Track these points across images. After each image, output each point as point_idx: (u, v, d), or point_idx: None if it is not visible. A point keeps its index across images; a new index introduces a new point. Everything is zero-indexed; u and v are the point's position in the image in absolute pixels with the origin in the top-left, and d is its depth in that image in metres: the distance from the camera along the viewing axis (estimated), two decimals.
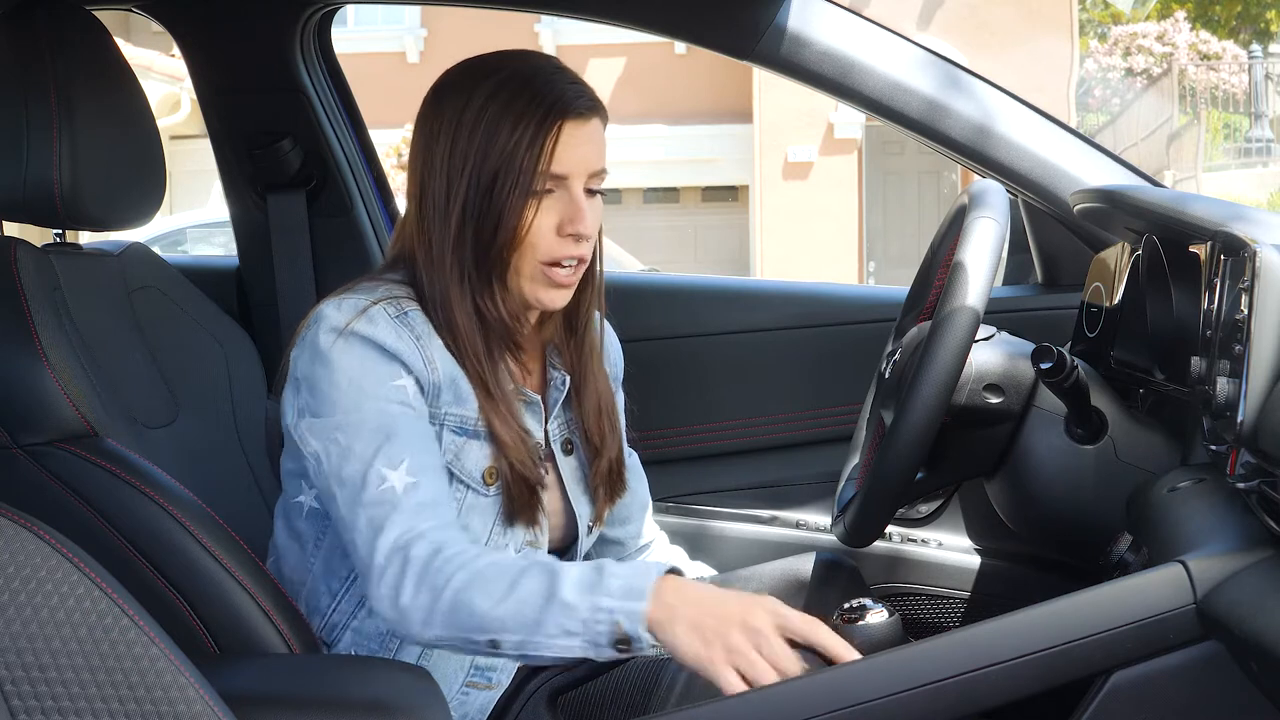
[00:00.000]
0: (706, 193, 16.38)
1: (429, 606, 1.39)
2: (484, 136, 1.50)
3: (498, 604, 1.36)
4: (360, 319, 1.49)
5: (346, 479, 1.45)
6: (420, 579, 1.39)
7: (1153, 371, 1.72)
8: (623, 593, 1.34)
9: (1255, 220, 1.51)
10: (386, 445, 1.45)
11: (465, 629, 1.38)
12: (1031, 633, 1.34)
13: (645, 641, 1.34)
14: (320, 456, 1.47)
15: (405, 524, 1.42)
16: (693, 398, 2.28)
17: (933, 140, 2.10)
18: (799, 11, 2.03)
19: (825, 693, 1.36)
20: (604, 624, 1.34)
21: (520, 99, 1.51)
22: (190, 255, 8.16)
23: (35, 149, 1.62)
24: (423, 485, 1.45)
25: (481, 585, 1.37)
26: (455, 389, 1.53)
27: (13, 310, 1.53)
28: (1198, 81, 16.48)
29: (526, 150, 1.49)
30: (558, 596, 1.35)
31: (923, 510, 2.18)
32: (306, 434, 1.48)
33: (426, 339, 1.52)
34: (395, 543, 1.41)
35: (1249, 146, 15.85)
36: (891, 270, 14.81)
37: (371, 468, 1.44)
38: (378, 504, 1.43)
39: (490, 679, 1.60)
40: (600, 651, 1.35)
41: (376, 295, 1.52)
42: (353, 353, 1.48)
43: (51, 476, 1.49)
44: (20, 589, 0.96)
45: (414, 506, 1.43)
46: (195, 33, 2.30)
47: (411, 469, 1.45)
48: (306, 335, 1.52)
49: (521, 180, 1.49)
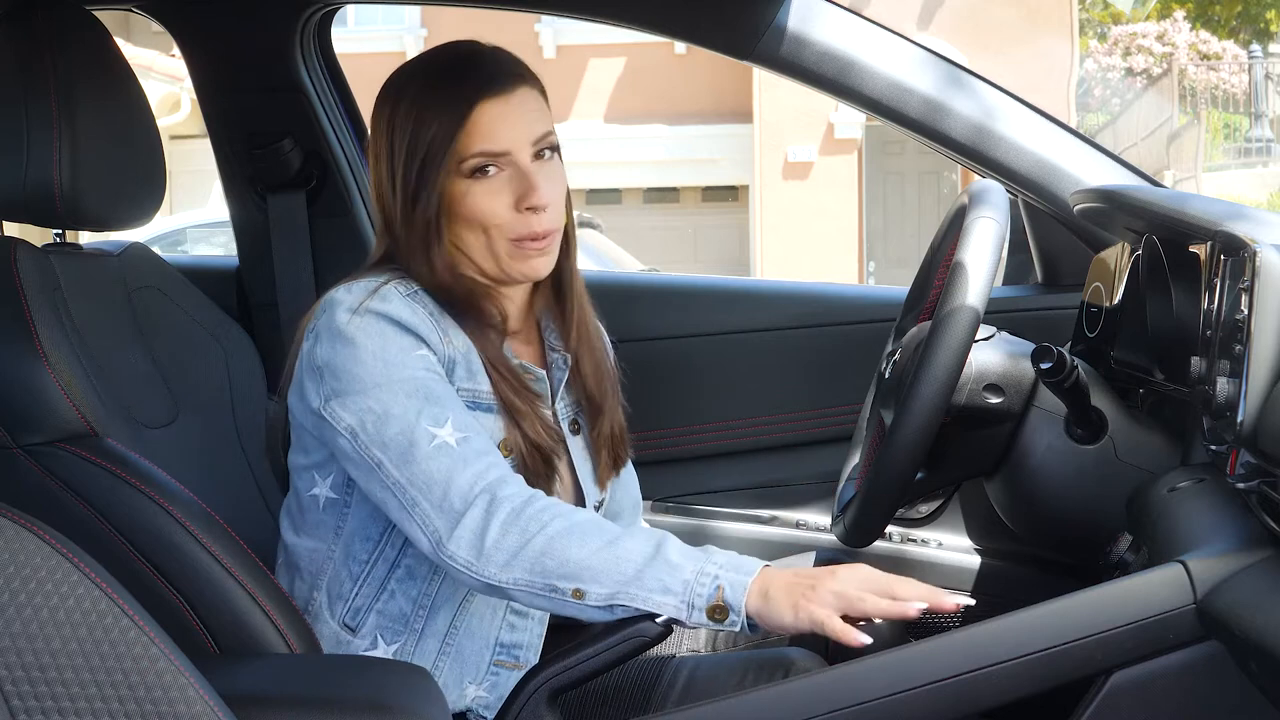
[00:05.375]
0: (706, 193, 16.37)
1: (516, 548, 1.41)
2: (411, 133, 1.56)
3: (595, 553, 1.40)
4: (374, 298, 1.52)
5: (391, 442, 1.46)
6: (510, 521, 1.42)
7: (1153, 371, 1.72)
8: (729, 565, 1.39)
9: (1255, 220, 1.51)
10: (427, 406, 1.47)
11: (552, 574, 1.41)
12: (1031, 633, 1.34)
13: (740, 615, 1.37)
14: (356, 430, 1.48)
15: (477, 469, 1.45)
16: (693, 398, 2.28)
17: (933, 140, 2.10)
18: (799, 11, 2.03)
19: (825, 693, 1.36)
20: (707, 587, 1.38)
21: (436, 90, 1.57)
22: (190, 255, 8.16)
23: (35, 149, 1.62)
24: (473, 439, 1.47)
25: (580, 535, 1.41)
26: (468, 364, 1.56)
27: (13, 310, 1.53)
28: (1198, 81, 16.48)
29: (446, 138, 1.54)
30: (663, 555, 1.40)
31: (923, 510, 2.18)
32: (338, 410, 1.50)
33: (438, 316, 1.55)
34: (473, 487, 1.44)
35: (1249, 146, 15.85)
36: (891, 270, 14.81)
37: (417, 427, 1.46)
38: (436, 457, 1.45)
39: (518, 657, 1.61)
40: (691, 615, 1.38)
41: (385, 278, 1.55)
42: (372, 329, 1.50)
43: (51, 476, 1.48)
44: (20, 589, 0.96)
45: (475, 455, 1.46)
46: (195, 33, 2.30)
47: (457, 425, 1.47)
48: (319, 322, 1.54)
49: (448, 164, 1.55)
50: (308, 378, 1.54)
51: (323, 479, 1.59)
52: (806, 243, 14.60)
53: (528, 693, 1.43)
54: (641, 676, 1.66)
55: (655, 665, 1.66)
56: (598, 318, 1.75)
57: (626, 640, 1.42)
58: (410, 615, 1.59)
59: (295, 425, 1.60)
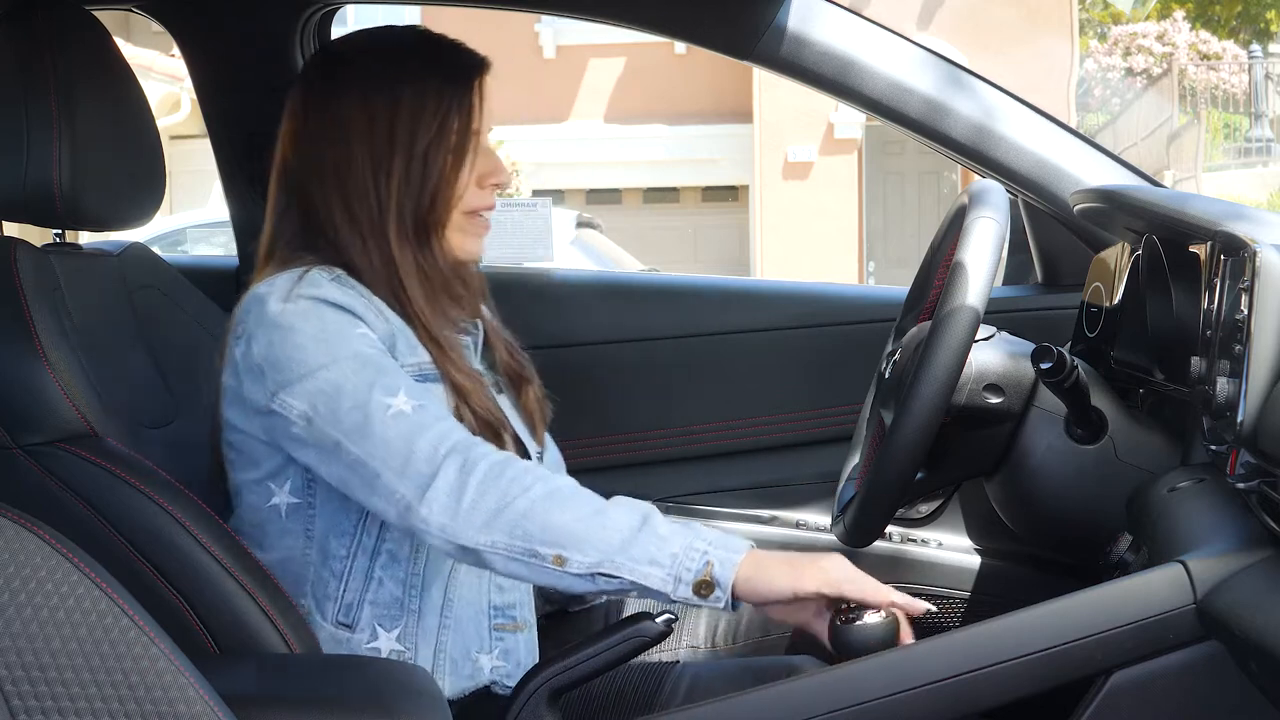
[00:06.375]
0: (706, 193, 16.37)
1: (495, 509, 1.39)
2: (408, 111, 1.55)
3: (580, 520, 1.38)
4: (301, 284, 1.51)
5: (345, 417, 1.44)
6: (489, 480, 1.40)
7: (1153, 371, 1.72)
8: (719, 542, 1.39)
9: (1255, 220, 1.51)
10: (379, 377, 1.46)
11: (534, 539, 1.38)
12: (1031, 633, 1.34)
13: (726, 593, 1.38)
14: (310, 415, 1.46)
15: (439, 430, 1.43)
16: (693, 398, 2.28)
17: (933, 140, 2.10)
18: (799, 11, 2.03)
19: (825, 693, 1.36)
20: (696, 561, 1.37)
21: (440, 66, 1.58)
22: (190, 255, 8.16)
23: (35, 149, 1.62)
24: (429, 406, 1.46)
25: (562, 501, 1.39)
26: (407, 339, 1.56)
27: (13, 310, 1.53)
28: (1198, 81, 16.48)
29: (456, 113, 1.56)
30: (651, 527, 1.39)
31: (923, 510, 2.18)
32: (288, 399, 1.47)
33: (369, 296, 1.55)
34: (438, 449, 1.42)
35: (1249, 146, 15.86)
36: (891, 270, 14.81)
37: (371, 399, 1.44)
38: (394, 424, 1.43)
39: (514, 617, 1.60)
40: (677, 589, 1.38)
41: (304, 268, 1.54)
42: (307, 313, 1.49)
43: (51, 476, 1.48)
44: (20, 589, 0.96)
45: (434, 419, 1.44)
46: (195, 33, 2.30)
47: (410, 393, 1.46)
48: (248, 323, 1.52)
49: (457, 143, 1.56)
50: (249, 380, 1.52)
51: (280, 486, 1.57)
52: (806, 243, 14.60)
53: (528, 693, 1.43)
54: (644, 682, 1.65)
55: (658, 671, 1.66)
56: None
57: (627, 640, 1.42)
58: (403, 598, 1.57)
59: (238, 440, 1.57)
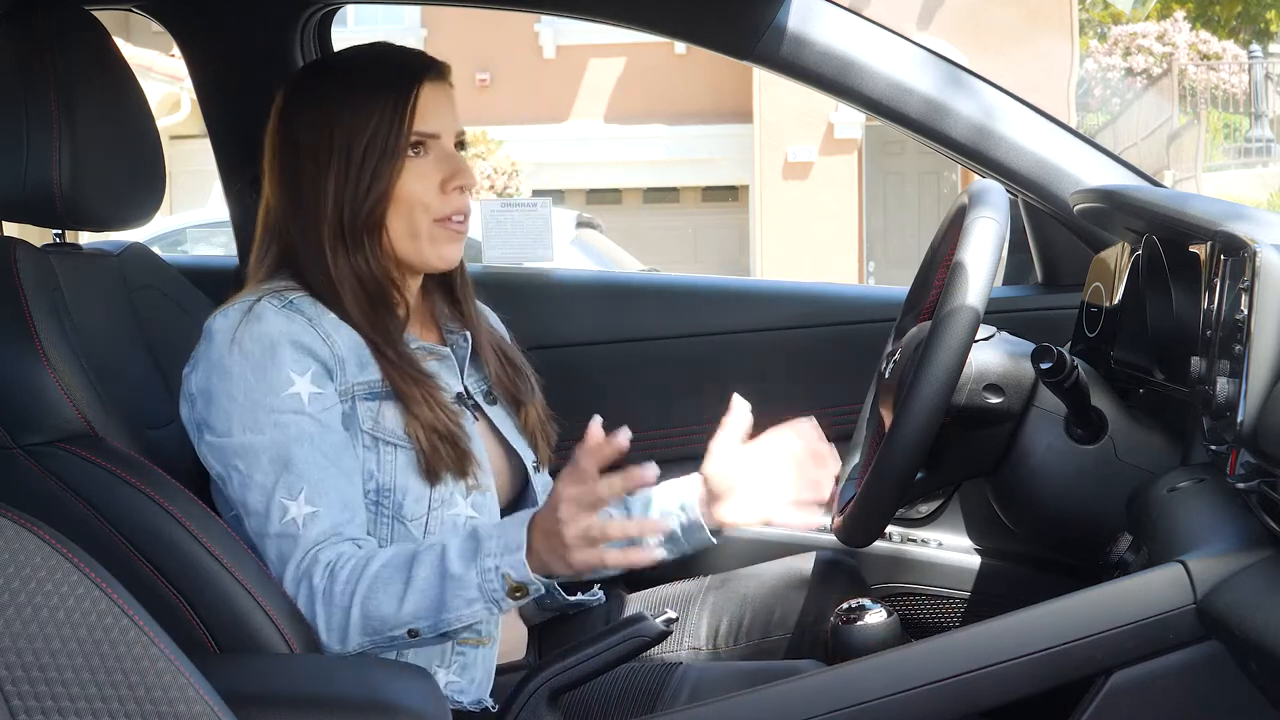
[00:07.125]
0: (706, 193, 16.37)
1: (343, 624, 1.49)
2: (348, 114, 1.59)
3: (401, 601, 1.47)
4: (248, 319, 1.55)
5: (251, 508, 1.54)
6: (326, 603, 1.49)
7: (1153, 371, 1.72)
8: (501, 549, 1.46)
9: (1255, 220, 1.51)
10: (285, 475, 1.52)
11: (382, 632, 1.48)
12: (1031, 633, 1.34)
13: (538, 582, 1.45)
14: (224, 480, 1.55)
15: (303, 553, 1.51)
16: (693, 398, 2.27)
17: (933, 140, 2.10)
18: (799, 11, 2.03)
19: (825, 693, 1.36)
20: (495, 582, 1.45)
21: (375, 72, 1.62)
22: (190, 255, 8.16)
23: (35, 149, 1.62)
24: (321, 513, 1.52)
25: (381, 590, 1.48)
26: (359, 357, 1.59)
27: (13, 310, 1.53)
28: (1198, 81, 16.47)
29: (392, 115, 1.59)
30: (449, 573, 1.46)
31: (923, 510, 2.18)
32: (208, 454, 1.56)
33: (318, 319, 1.58)
34: (296, 574, 1.51)
35: (1249, 146, 15.84)
36: (891, 270, 14.81)
37: (273, 499, 1.52)
38: (281, 536, 1.52)
39: (480, 631, 1.61)
40: (503, 604, 1.46)
41: (260, 294, 1.58)
42: (248, 360, 1.53)
43: (51, 476, 1.48)
44: (20, 589, 0.96)
45: (313, 538, 1.52)
46: (195, 33, 2.30)
47: (310, 496, 1.52)
48: (199, 351, 1.58)
49: (389, 144, 1.59)
50: (184, 402, 1.59)
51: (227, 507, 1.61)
52: (806, 243, 14.60)
53: (528, 693, 1.43)
54: (647, 683, 1.65)
55: (660, 673, 1.66)
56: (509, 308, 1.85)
57: (626, 640, 1.42)
58: None
59: None
